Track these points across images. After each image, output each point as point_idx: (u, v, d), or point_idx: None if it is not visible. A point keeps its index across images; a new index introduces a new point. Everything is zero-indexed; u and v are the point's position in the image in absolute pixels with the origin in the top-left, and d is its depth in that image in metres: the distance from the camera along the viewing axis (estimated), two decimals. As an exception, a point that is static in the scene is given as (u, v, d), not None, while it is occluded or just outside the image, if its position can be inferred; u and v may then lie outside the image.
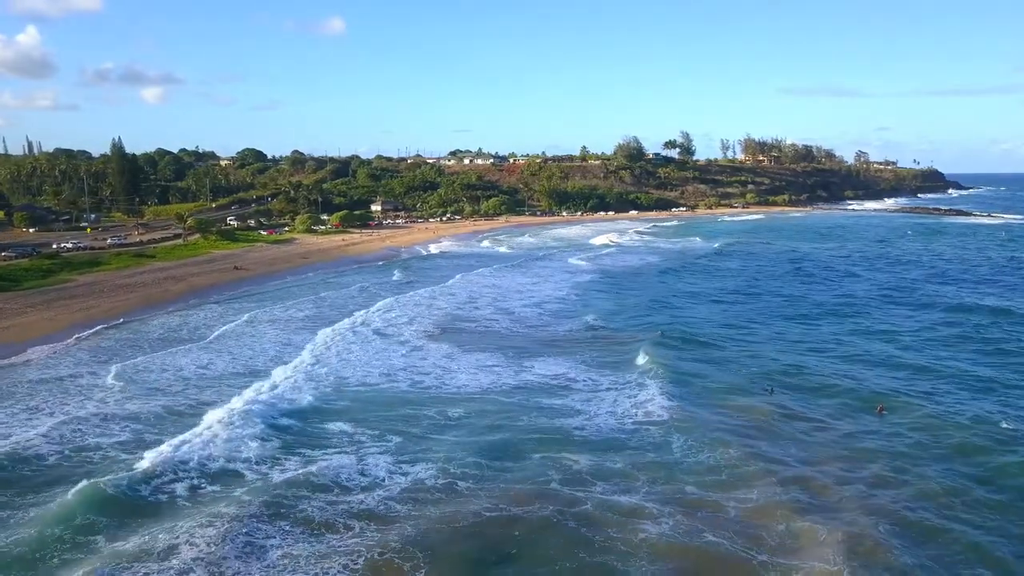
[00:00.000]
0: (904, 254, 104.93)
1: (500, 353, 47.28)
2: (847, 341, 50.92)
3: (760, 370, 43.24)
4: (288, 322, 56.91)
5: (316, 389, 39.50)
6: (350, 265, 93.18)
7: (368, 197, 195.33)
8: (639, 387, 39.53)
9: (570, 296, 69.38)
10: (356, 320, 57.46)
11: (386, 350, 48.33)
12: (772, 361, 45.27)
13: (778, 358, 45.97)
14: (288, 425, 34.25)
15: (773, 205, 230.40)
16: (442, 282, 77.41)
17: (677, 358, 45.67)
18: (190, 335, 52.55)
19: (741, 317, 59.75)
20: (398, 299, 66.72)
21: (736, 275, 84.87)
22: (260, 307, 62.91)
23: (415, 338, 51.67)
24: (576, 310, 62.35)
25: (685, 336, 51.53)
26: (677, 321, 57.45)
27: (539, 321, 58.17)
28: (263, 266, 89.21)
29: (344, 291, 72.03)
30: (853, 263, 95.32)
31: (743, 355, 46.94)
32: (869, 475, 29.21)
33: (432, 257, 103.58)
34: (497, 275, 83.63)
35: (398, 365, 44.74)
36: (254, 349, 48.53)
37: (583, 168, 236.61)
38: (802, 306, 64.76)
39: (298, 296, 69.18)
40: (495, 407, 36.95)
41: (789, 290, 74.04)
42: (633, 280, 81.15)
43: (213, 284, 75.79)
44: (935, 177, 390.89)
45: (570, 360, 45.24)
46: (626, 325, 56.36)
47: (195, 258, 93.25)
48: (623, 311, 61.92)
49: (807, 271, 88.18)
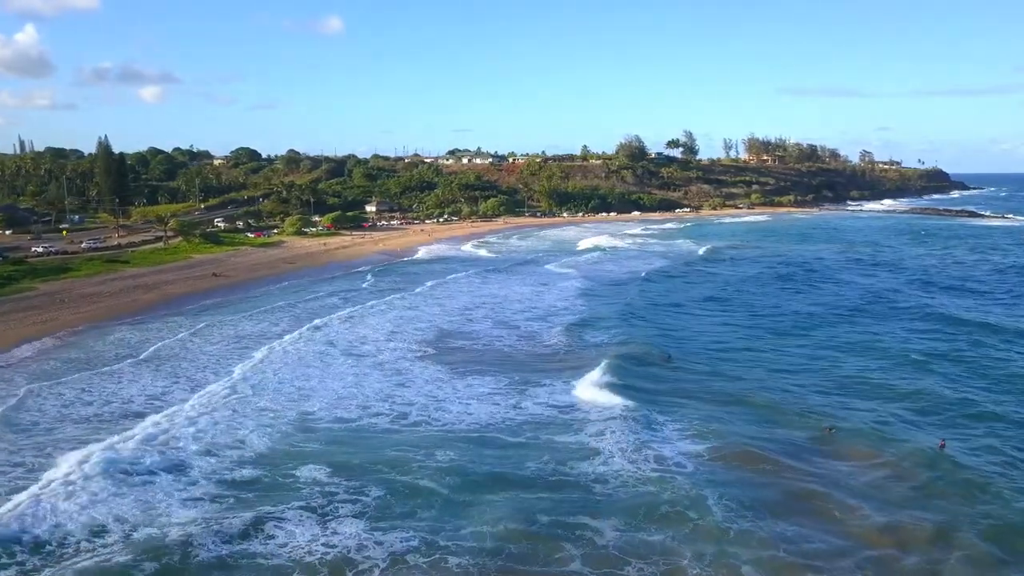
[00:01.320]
0: (931, 263, 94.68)
1: (500, 375, 42.10)
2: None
3: (810, 410, 36.90)
4: (256, 338, 51.59)
5: (266, 427, 34.19)
6: (336, 271, 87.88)
7: (363, 198, 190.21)
8: (644, 426, 34.25)
9: (574, 305, 64.11)
10: (331, 333, 52.37)
11: (365, 374, 43.11)
12: (820, 398, 39.64)
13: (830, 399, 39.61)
14: (223, 472, 29.06)
15: (779, 206, 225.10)
16: (433, 291, 72.19)
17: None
18: (133, 352, 47.25)
19: (756, 338, 54.16)
20: (383, 309, 61.58)
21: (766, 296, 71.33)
22: (229, 318, 57.67)
23: (398, 358, 46.41)
24: (584, 319, 57.24)
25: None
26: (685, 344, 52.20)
27: (548, 335, 52.82)
28: (244, 272, 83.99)
29: (326, 300, 66.66)
30: (872, 271, 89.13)
31: (766, 386, 41.63)
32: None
33: (425, 262, 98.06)
34: (494, 283, 78.33)
35: (374, 392, 39.49)
36: (206, 370, 43.21)
37: (584, 168, 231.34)
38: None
39: (274, 305, 63.92)
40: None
41: (840, 325, 58.00)
42: (666, 305, 66.17)
43: (187, 293, 70.55)
44: (940, 177, 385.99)
45: (558, 381, 40.07)
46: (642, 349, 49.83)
47: (173, 263, 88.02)
48: (640, 322, 56.72)
49: (837, 281, 79.38)
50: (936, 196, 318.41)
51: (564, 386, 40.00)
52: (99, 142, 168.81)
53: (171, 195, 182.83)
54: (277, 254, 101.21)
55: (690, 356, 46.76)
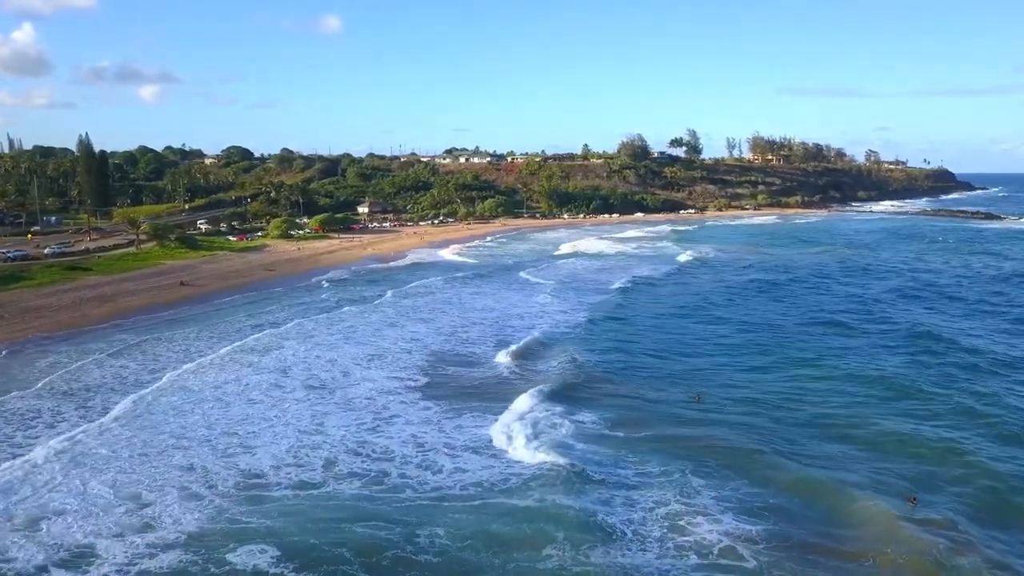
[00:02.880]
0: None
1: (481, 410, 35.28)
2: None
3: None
4: (196, 363, 44.70)
5: (190, 494, 27.41)
6: (319, 277, 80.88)
7: (356, 198, 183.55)
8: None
9: (583, 323, 57.12)
10: (287, 356, 45.51)
11: (327, 413, 36.28)
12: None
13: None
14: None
15: (786, 207, 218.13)
16: (427, 306, 65.27)
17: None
18: (29, 381, 40.57)
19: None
20: (361, 327, 54.73)
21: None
22: (180, 333, 50.91)
23: (378, 393, 39.50)
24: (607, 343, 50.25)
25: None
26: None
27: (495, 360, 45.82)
28: (215, 281, 77.06)
29: (290, 314, 59.60)
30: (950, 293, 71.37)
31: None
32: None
33: (408, 270, 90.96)
34: (491, 292, 71.39)
35: (340, 442, 32.67)
36: (115, 403, 36.44)
37: (585, 167, 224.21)
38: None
39: (234, 319, 57.14)
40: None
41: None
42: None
43: (147, 305, 63.65)
44: (946, 177, 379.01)
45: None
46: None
47: (140, 271, 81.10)
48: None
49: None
50: (945, 197, 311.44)
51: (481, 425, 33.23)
52: (79, 140, 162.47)
53: (156, 195, 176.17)
54: (256, 260, 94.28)
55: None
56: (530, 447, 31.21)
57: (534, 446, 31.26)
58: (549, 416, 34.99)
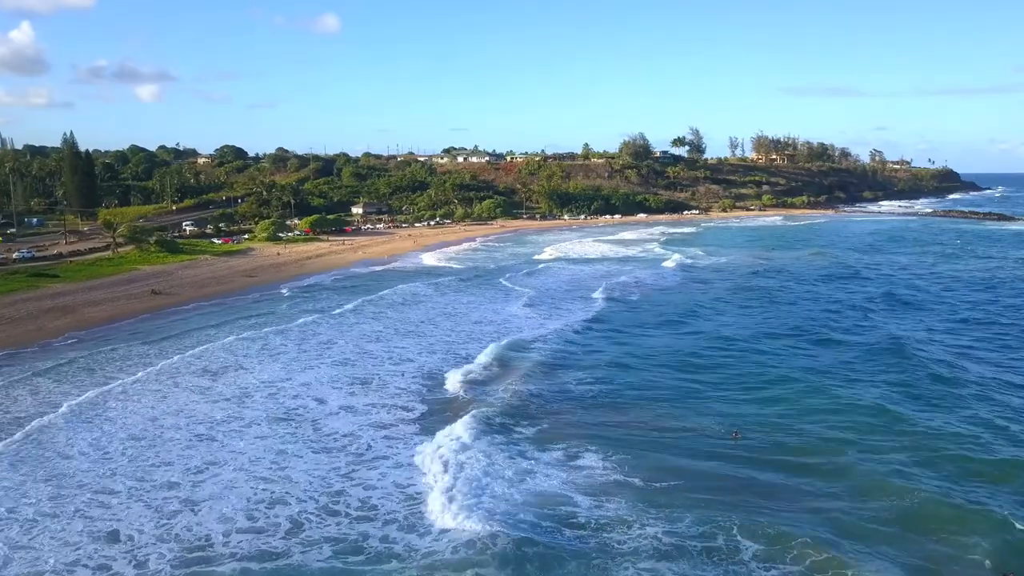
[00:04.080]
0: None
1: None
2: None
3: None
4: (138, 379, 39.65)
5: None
6: (301, 284, 75.91)
7: (351, 198, 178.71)
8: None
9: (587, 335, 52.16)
10: (245, 378, 40.39)
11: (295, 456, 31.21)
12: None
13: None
14: None
15: (791, 207, 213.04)
16: (417, 317, 60.24)
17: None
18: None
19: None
20: (341, 342, 49.67)
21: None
22: (135, 355, 45.76)
23: (359, 427, 34.44)
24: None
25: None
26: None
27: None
28: (191, 289, 71.98)
29: (261, 326, 54.57)
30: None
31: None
32: None
33: (396, 277, 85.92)
34: (476, 304, 66.35)
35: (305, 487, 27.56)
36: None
37: (586, 167, 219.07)
38: None
39: (202, 333, 51.86)
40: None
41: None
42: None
43: (111, 318, 58.59)
44: (951, 177, 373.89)
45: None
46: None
47: (111, 277, 76.03)
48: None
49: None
50: (950, 196, 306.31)
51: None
52: (64, 139, 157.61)
53: (145, 196, 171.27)
54: (239, 264, 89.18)
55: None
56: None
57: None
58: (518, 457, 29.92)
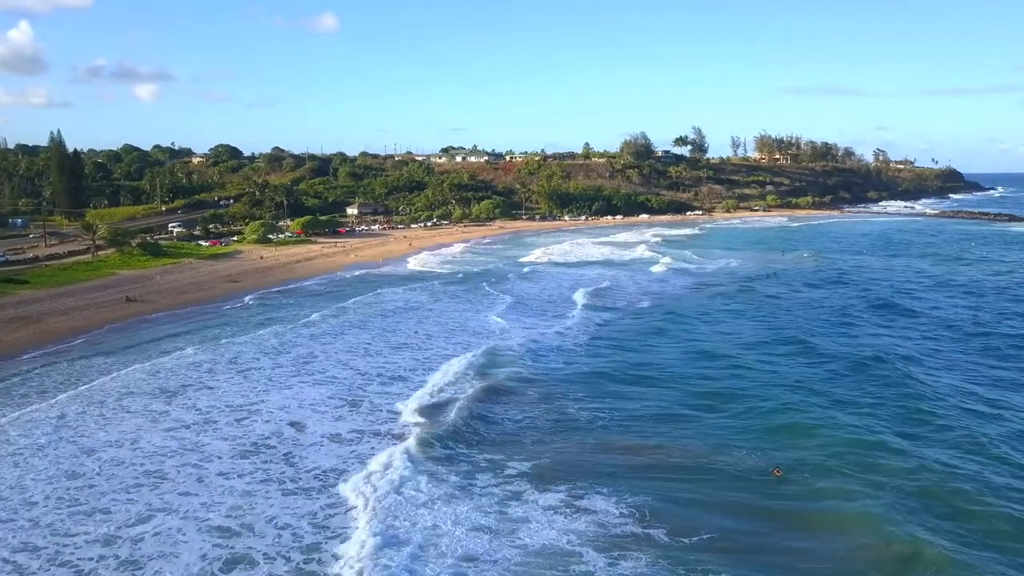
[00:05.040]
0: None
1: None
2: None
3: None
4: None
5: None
6: (287, 289, 71.94)
7: (346, 199, 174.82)
8: None
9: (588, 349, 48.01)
10: (208, 405, 36.35)
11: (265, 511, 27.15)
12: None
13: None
14: None
15: (796, 208, 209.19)
16: (409, 341, 56.26)
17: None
18: None
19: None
20: (321, 357, 45.66)
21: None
22: (95, 371, 41.68)
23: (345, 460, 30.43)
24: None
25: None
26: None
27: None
28: (169, 295, 67.95)
29: (237, 341, 50.62)
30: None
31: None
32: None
33: (402, 282, 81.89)
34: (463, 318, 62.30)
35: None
36: None
37: (586, 167, 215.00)
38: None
39: (170, 344, 47.69)
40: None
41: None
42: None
43: (79, 328, 54.56)
44: (955, 177, 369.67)
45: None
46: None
47: (86, 283, 72.03)
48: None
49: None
50: (954, 197, 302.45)
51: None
52: (51, 138, 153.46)
53: (135, 196, 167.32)
54: (223, 269, 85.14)
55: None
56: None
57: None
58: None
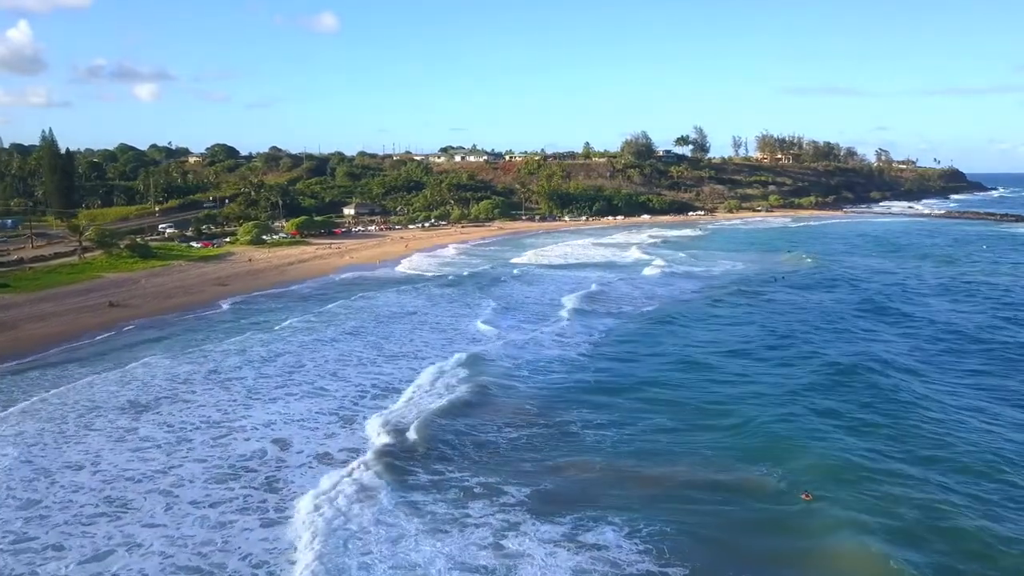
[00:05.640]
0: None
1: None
2: None
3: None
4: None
5: None
6: (277, 292, 69.48)
7: (343, 199, 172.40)
8: None
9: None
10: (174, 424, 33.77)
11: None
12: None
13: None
14: None
15: (799, 208, 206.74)
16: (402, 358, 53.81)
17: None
18: None
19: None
20: (298, 375, 43.20)
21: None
22: (59, 382, 39.32)
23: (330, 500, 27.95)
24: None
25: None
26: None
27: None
28: (154, 300, 65.48)
29: (219, 348, 48.14)
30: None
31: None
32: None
33: (395, 285, 79.39)
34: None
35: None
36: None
37: (587, 167, 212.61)
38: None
39: (143, 354, 45.07)
40: None
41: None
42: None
43: (56, 336, 52.09)
44: (957, 177, 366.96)
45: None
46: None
47: (69, 287, 69.54)
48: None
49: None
50: (957, 197, 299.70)
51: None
52: (42, 136, 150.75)
53: (129, 197, 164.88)
54: (212, 271, 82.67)
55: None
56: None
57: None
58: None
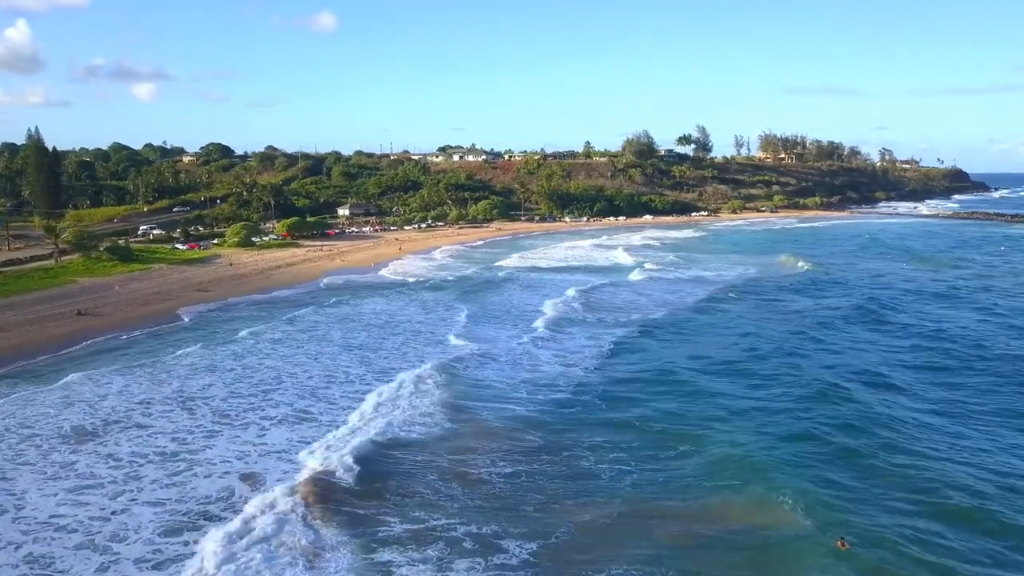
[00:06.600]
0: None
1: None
2: None
3: None
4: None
5: None
6: (259, 299, 65.36)
7: (338, 199, 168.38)
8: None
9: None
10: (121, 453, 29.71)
11: None
12: None
13: None
14: None
15: (804, 208, 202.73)
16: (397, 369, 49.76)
17: None
18: None
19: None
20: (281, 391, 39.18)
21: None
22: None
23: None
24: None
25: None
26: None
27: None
28: (129, 308, 61.35)
29: (185, 363, 44.10)
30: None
31: None
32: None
33: (385, 291, 75.39)
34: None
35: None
36: None
37: (587, 166, 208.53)
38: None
39: (95, 371, 41.14)
40: None
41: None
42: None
43: (13, 348, 48.02)
44: (961, 177, 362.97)
45: None
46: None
47: (38, 292, 65.38)
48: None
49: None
50: (960, 197, 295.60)
51: None
52: (28, 135, 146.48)
53: (119, 196, 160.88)
54: (195, 276, 78.51)
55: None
56: None
57: None
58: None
